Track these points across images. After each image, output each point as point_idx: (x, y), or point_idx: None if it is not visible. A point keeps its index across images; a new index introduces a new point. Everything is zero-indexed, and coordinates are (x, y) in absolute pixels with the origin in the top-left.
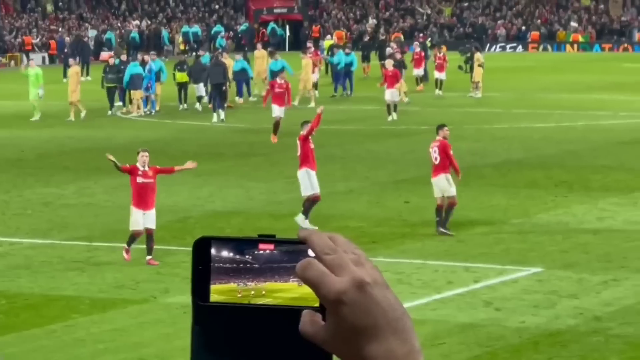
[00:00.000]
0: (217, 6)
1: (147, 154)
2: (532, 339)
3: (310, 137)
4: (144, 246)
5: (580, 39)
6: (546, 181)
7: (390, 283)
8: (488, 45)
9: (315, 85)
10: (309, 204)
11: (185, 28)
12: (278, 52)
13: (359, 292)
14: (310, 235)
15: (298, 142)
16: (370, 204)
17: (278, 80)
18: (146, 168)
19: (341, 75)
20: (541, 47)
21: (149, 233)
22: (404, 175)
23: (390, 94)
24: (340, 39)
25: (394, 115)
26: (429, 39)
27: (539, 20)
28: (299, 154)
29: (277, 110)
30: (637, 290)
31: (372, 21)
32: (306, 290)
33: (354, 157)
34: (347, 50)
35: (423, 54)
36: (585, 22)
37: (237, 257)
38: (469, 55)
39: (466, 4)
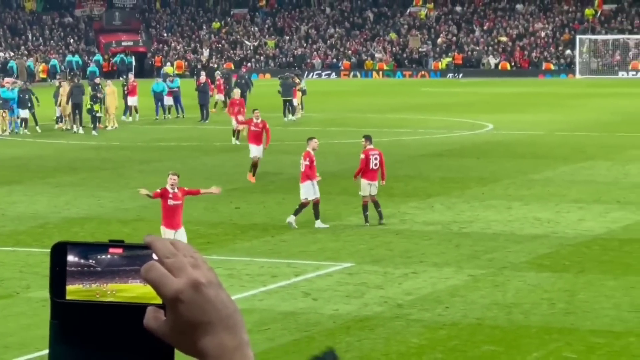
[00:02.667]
0: (72, 40)
1: (176, 177)
2: (344, 324)
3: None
4: (14, 248)
5: (385, 67)
6: (356, 189)
7: (223, 278)
8: (306, 72)
9: (136, 109)
10: (315, 207)
11: (69, 57)
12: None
13: (195, 292)
14: (154, 240)
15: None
16: (206, 210)
17: (254, 119)
18: (176, 190)
19: (161, 100)
20: (352, 74)
21: None
22: (234, 185)
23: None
24: (179, 68)
25: (236, 141)
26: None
27: (349, 51)
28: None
29: (255, 151)
30: (433, 281)
31: (206, 52)
32: (150, 289)
33: (192, 169)
34: (170, 78)
35: (223, 81)
36: (389, 52)
37: (82, 261)
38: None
39: (287, 38)
